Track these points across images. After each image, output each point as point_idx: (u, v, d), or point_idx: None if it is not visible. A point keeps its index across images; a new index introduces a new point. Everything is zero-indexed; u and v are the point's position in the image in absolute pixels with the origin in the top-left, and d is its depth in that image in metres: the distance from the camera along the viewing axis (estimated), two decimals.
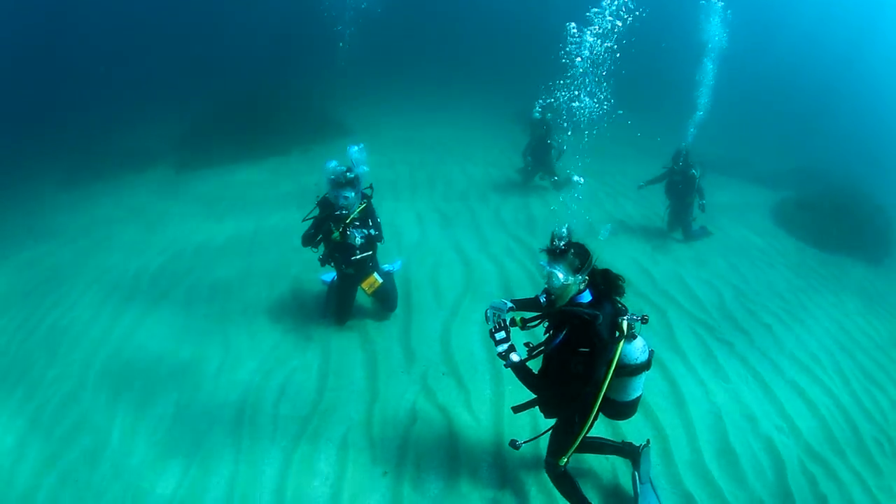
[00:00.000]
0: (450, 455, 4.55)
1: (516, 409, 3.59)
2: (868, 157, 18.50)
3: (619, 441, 4.31)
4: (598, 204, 11.11)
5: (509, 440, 3.80)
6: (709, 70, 12.38)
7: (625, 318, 3.29)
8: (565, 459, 3.63)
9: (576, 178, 11.66)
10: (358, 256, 5.93)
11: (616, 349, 3.24)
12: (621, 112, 8.64)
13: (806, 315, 7.68)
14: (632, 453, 4.20)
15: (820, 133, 19.94)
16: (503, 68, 22.52)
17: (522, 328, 3.60)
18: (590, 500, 3.85)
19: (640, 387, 3.57)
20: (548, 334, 3.41)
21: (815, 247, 10.56)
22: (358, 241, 5.79)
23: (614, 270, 3.43)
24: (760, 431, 5.18)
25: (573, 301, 3.33)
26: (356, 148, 5.84)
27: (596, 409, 3.34)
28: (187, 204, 11.05)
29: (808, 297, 8.28)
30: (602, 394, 3.28)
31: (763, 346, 6.62)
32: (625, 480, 4.39)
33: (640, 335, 3.43)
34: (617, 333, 3.27)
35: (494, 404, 5.08)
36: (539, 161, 11.20)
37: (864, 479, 4.86)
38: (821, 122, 21.11)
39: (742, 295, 7.95)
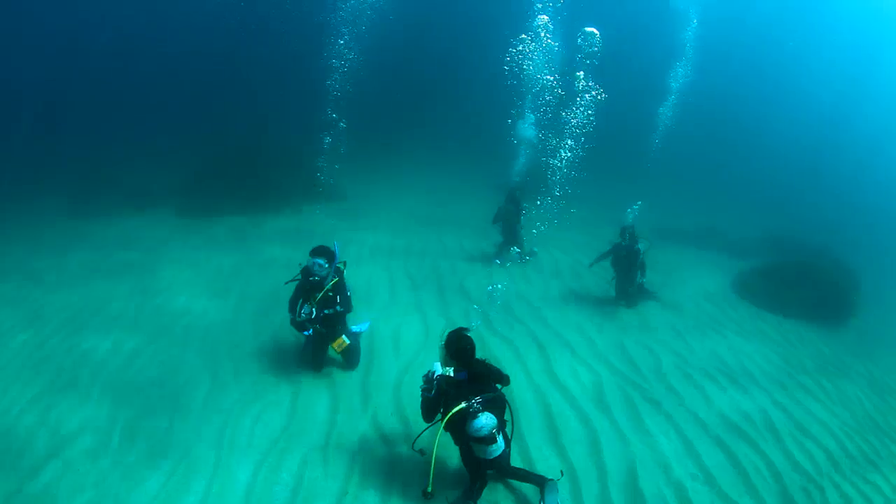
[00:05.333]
0: (388, 477, 5.71)
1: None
2: (842, 222, 19.55)
3: (536, 474, 5.49)
4: (557, 274, 12.33)
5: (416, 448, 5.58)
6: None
7: (465, 403, 4.99)
8: (430, 486, 5.06)
9: (535, 248, 13.14)
10: (312, 316, 7.23)
11: (450, 411, 5.00)
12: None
13: (746, 378, 8.44)
14: (541, 484, 5.38)
15: (798, 201, 21.24)
16: (487, 139, 24.34)
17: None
18: None
19: (487, 454, 5.07)
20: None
21: (774, 313, 11.35)
22: (303, 315, 7.18)
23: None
24: (673, 478, 5.95)
25: (456, 375, 5.20)
26: (335, 242, 7.44)
27: (437, 440, 5.08)
28: (185, 251, 12.38)
29: (753, 362, 9.07)
30: (439, 434, 5.09)
31: (692, 406, 7.37)
32: None
33: (485, 418, 4.95)
34: (457, 409, 5.00)
35: (428, 440, 6.23)
36: (510, 238, 12.64)
37: None
38: (799, 191, 22.48)
39: (682, 360, 8.73)
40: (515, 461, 5.89)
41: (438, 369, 5.34)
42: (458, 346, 5.26)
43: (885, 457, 7.27)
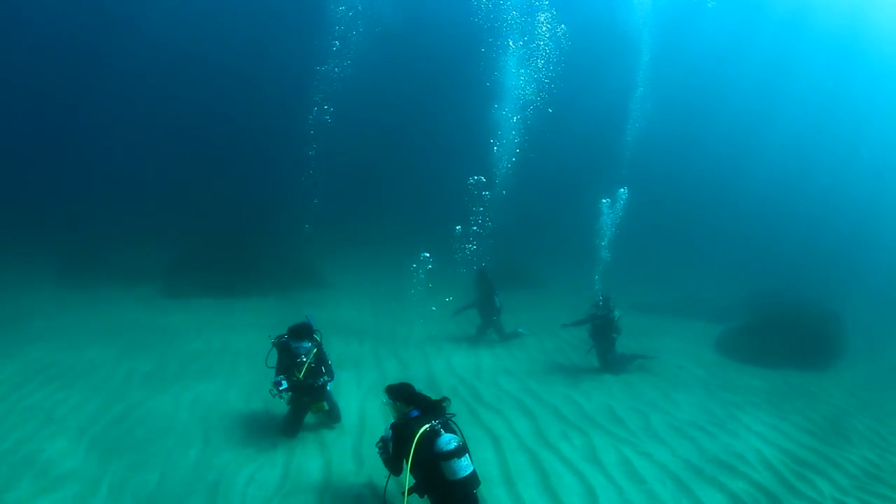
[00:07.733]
0: None
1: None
2: (825, 268, 19.86)
3: None
4: (543, 351, 12.53)
5: None
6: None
7: (427, 424, 5.23)
8: None
9: (521, 329, 13.39)
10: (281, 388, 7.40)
11: (412, 440, 5.15)
12: None
13: (735, 424, 8.63)
14: None
15: (779, 256, 21.65)
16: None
17: None
18: None
19: (459, 471, 5.10)
20: None
21: (760, 366, 11.63)
22: (283, 385, 7.33)
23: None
24: None
25: (406, 415, 5.54)
26: (306, 315, 7.96)
27: (406, 481, 5.22)
28: (171, 324, 12.52)
29: (742, 410, 9.26)
30: (407, 473, 5.25)
31: (685, 454, 7.51)
32: None
33: (449, 434, 5.19)
34: (421, 431, 5.18)
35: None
36: (487, 320, 12.97)
37: None
38: (778, 246, 22.89)
39: (670, 416, 8.88)
40: None
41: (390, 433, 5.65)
42: (401, 389, 5.80)
43: (885, 469, 7.48)
